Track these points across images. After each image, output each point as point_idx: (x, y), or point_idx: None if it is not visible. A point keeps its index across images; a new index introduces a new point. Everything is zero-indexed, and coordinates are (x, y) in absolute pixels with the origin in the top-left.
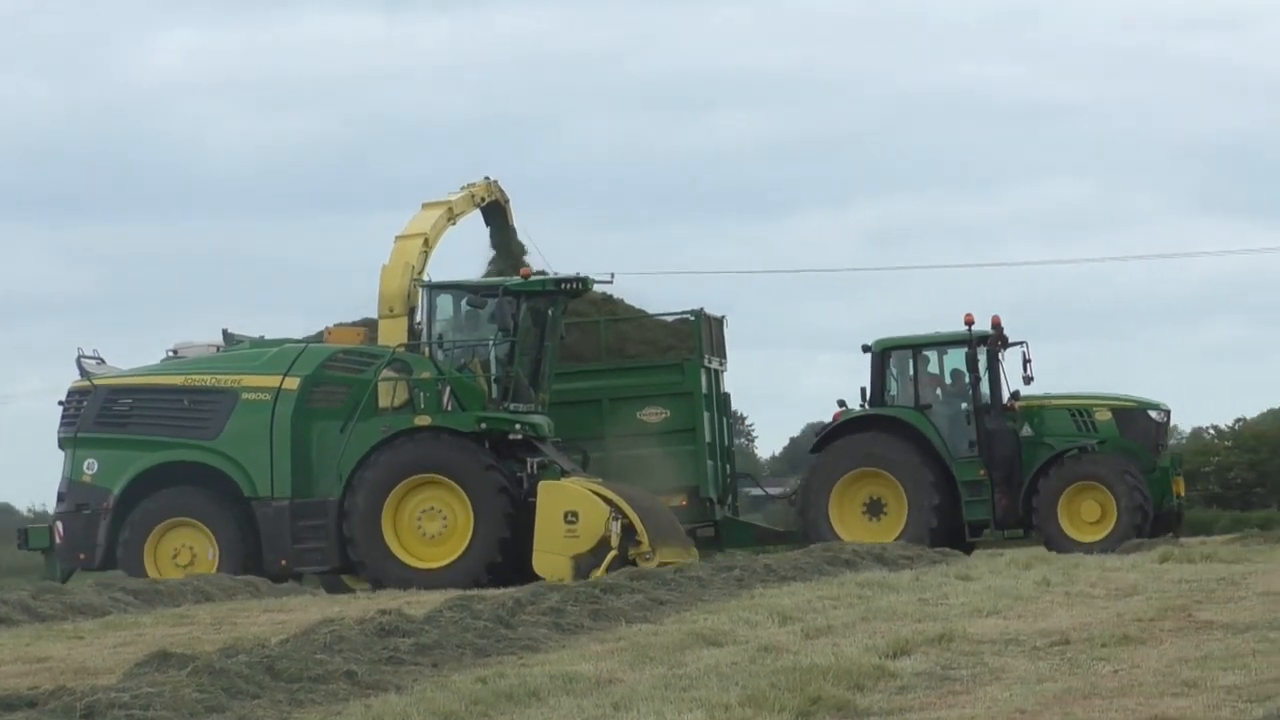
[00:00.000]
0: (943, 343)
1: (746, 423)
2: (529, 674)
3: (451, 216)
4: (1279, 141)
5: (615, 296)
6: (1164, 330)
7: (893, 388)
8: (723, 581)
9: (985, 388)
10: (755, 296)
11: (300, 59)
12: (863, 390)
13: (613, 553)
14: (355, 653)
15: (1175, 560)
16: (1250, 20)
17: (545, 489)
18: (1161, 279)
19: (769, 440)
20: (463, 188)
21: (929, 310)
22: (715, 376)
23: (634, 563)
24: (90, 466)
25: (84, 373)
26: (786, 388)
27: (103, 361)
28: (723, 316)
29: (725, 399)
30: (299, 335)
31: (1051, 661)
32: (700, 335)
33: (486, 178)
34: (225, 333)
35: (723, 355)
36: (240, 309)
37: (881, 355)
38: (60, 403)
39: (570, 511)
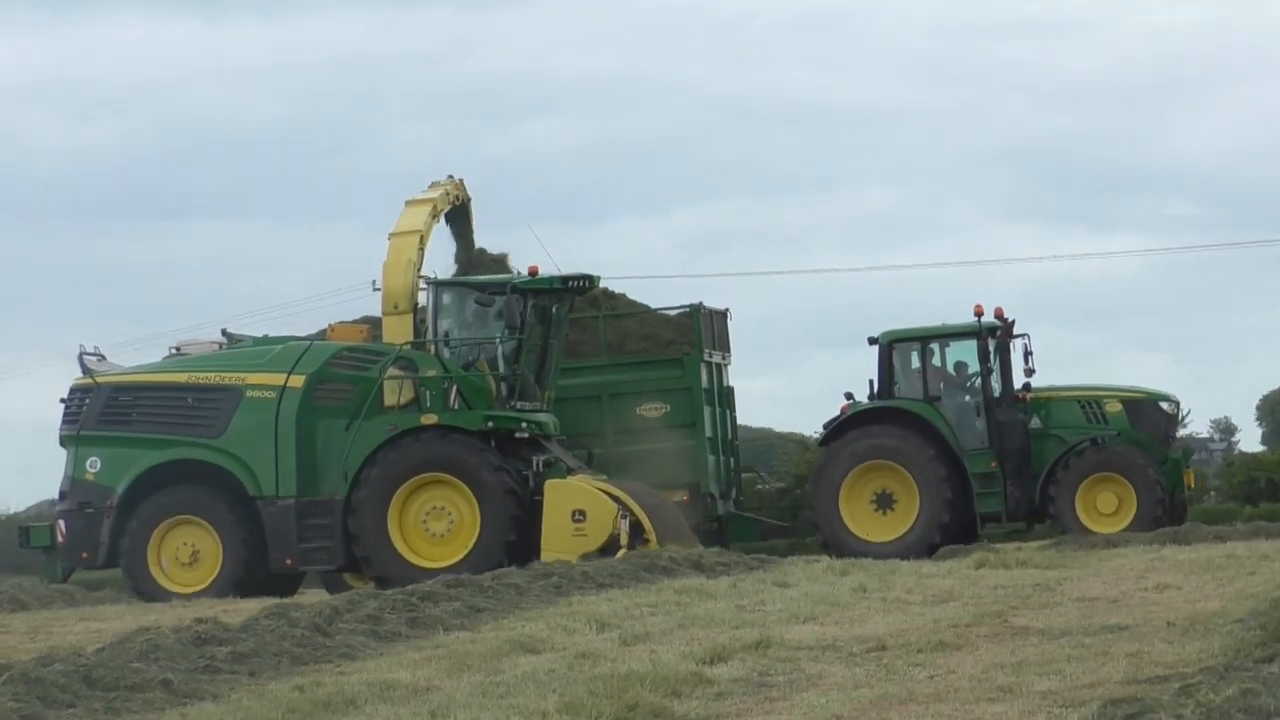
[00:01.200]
0: (951, 334)
1: None
2: (346, 682)
3: (436, 213)
4: (1087, 148)
5: (616, 292)
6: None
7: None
8: (540, 589)
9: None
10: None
11: (117, 64)
12: (870, 383)
13: (622, 550)
14: (172, 661)
15: (991, 566)
16: (1059, 29)
17: (553, 487)
18: (971, 285)
19: None
20: (432, 185)
21: (746, 318)
22: (717, 370)
23: None
24: (93, 464)
25: (86, 370)
26: None
27: (104, 358)
28: (726, 310)
29: (728, 393)
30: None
31: (868, 668)
32: (700, 329)
33: (450, 176)
34: (224, 332)
35: (726, 349)
36: (55, 313)
37: (888, 347)
38: (62, 400)
39: (578, 510)
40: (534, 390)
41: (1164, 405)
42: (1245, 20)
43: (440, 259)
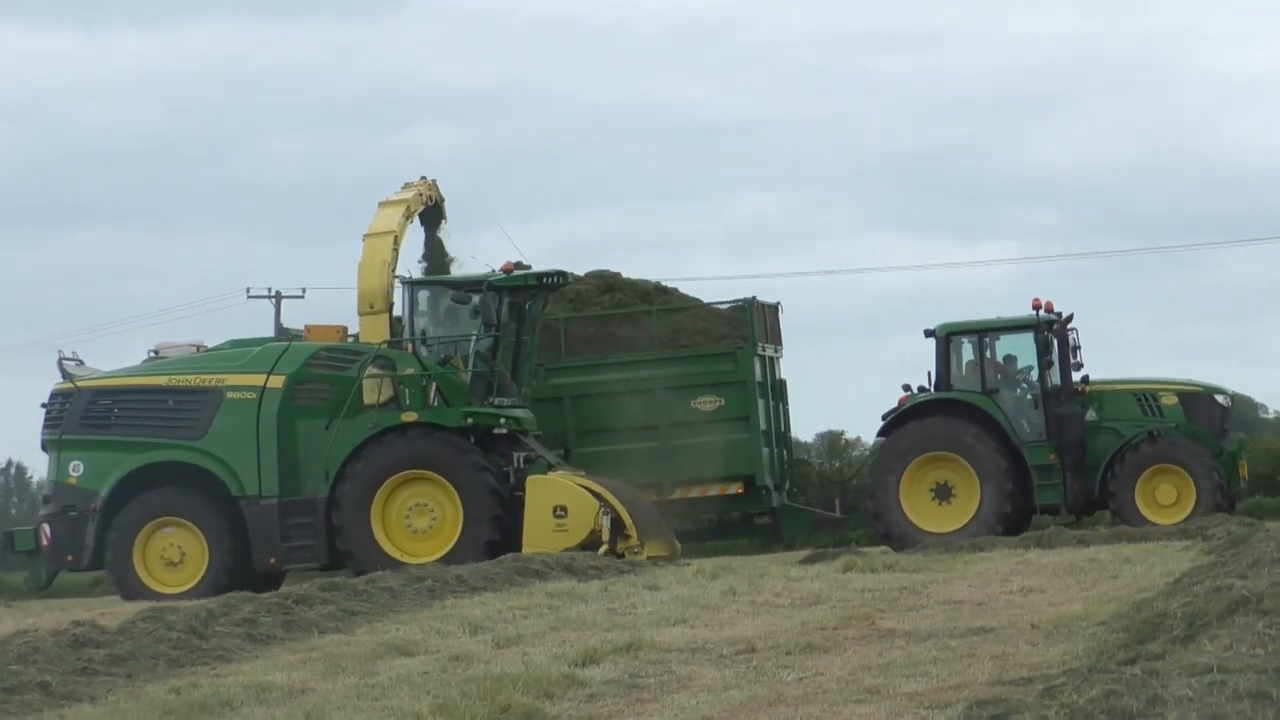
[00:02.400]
0: (1009, 327)
1: None
2: (222, 684)
3: (410, 214)
4: (957, 158)
5: (669, 287)
6: (846, 344)
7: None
8: (414, 592)
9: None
10: None
11: None
12: (928, 374)
13: (604, 546)
14: (49, 664)
15: (858, 570)
16: (935, 41)
17: (534, 483)
18: (846, 293)
19: None
20: (405, 186)
21: None
22: (770, 364)
23: (622, 555)
24: (76, 468)
25: (66, 374)
26: None
27: (82, 363)
28: (777, 303)
29: (781, 385)
30: None
31: (737, 669)
32: (753, 323)
33: (424, 177)
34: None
35: (778, 342)
36: None
37: (946, 340)
38: (43, 405)
39: (560, 505)
40: (511, 386)
41: (1219, 398)
42: (1111, 34)
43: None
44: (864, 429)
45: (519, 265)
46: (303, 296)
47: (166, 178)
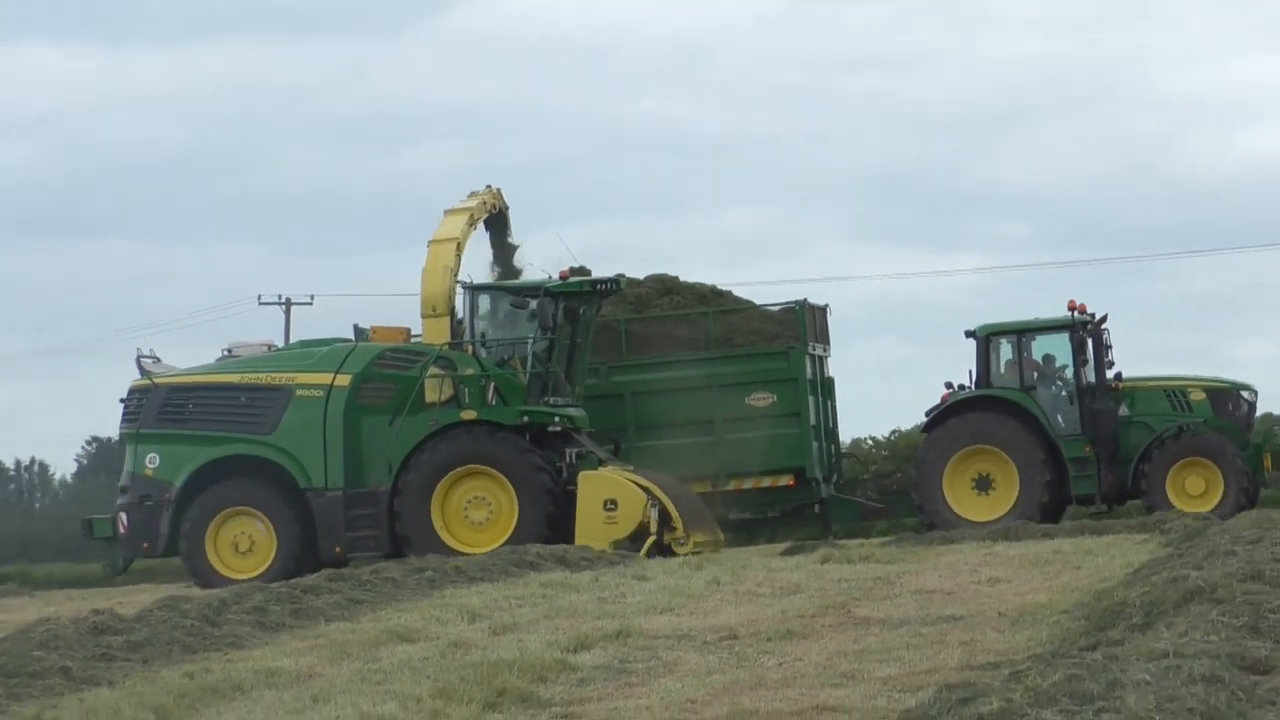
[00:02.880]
0: (1046, 328)
1: None
2: (234, 669)
3: (473, 221)
4: (930, 173)
5: (722, 290)
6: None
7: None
8: (415, 582)
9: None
10: None
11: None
12: (970, 372)
13: (651, 537)
14: (70, 650)
15: (835, 561)
16: (909, 62)
17: (586, 479)
18: (825, 300)
19: None
20: (471, 195)
21: None
22: (819, 363)
23: (669, 546)
24: (152, 460)
25: (144, 372)
26: None
27: (159, 360)
28: (825, 305)
29: (829, 383)
30: None
31: (720, 655)
32: (804, 324)
33: (489, 186)
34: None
35: (826, 342)
36: None
37: (986, 340)
38: (121, 400)
39: (610, 499)
40: (565, 386)
41: (1244, 394)
42: (1075, 56)
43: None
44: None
45: (576, 270)
46: (311, 303)
47: (186, 191)
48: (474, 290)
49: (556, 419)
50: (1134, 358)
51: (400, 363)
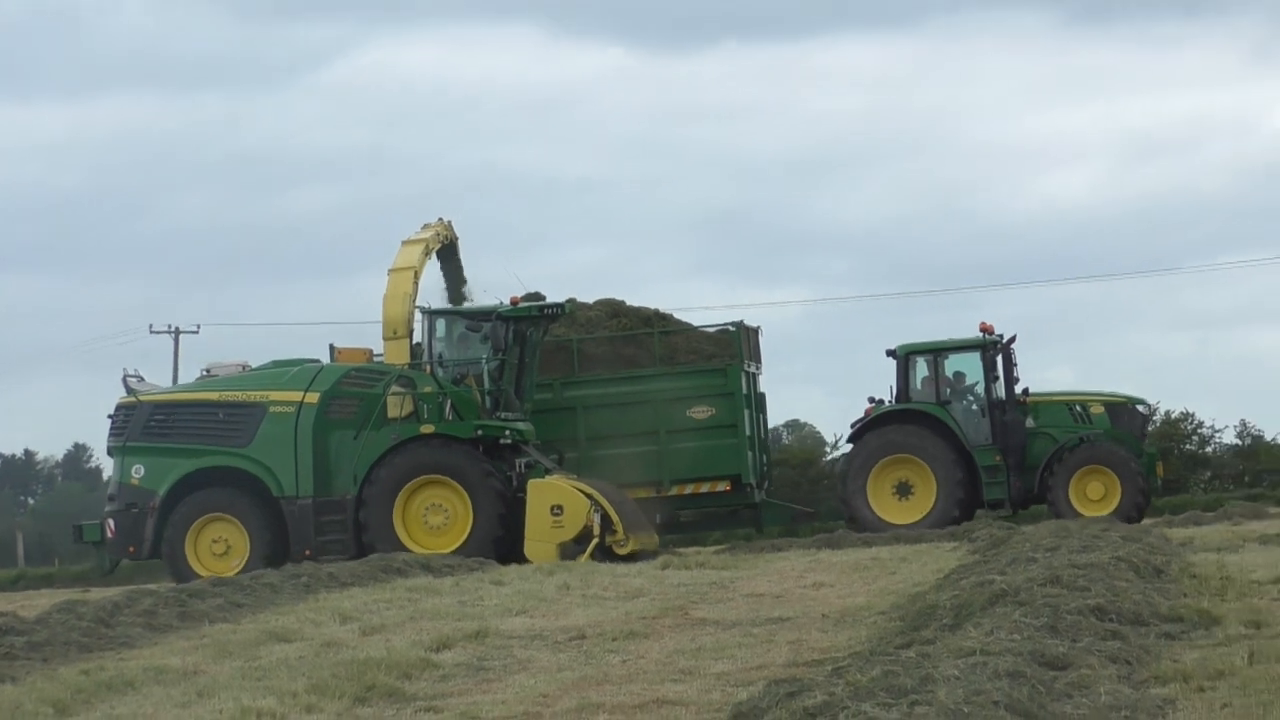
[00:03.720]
0: (959, 347)
1: None
2: (126, 667)
3: (429, 251)
4: (762, 214)
5: (664, 313)
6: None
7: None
8: (292, 587)
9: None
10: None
11: None
12: (890, 388)
13: (595, 540)
14: None
15: (675, 567)
16: (743, 113)
17: (534, 486)
18: None
19: None
20: (425, 227)
21: None
22: (753, 379)
23: (610, 549)
24: (138, 471)
25: (130, 390)
26: None
27: (142, 379)
28: (758, 327)
29: (761, 398)
30: None
31: (570, 653)
32: (740, 343)
33: (440, 219)
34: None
35: (758, 360)
36: None
37: (905, 358)
38: (109, 416)
39: (556, 505)
40: (515, 402)
41: (1139, 407)
42: (892, 109)
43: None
44: None
45: (528, 296)
46: (198, 332)
47: (81, 231)
48: (432, 315)
49: (507, 432)
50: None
51: (364, 381)
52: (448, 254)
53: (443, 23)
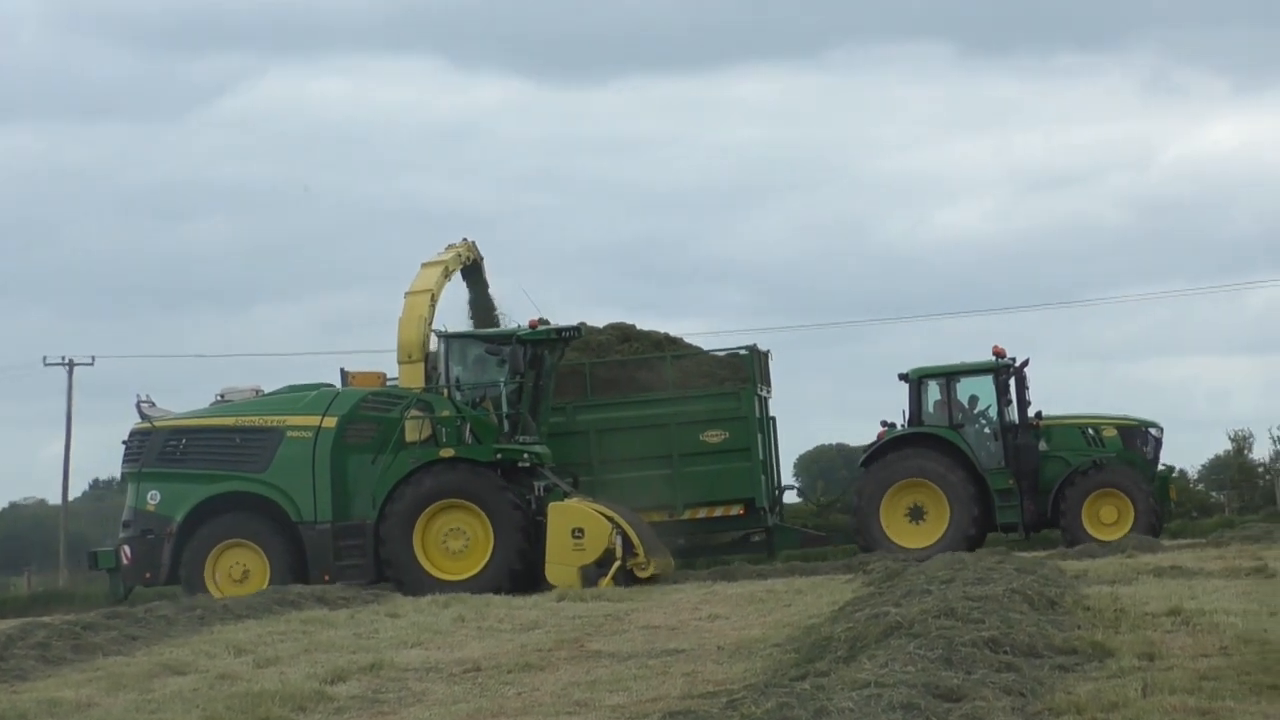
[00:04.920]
0: (972, 371)
1: None
2: (18, 700)
3: (448, 273)
4: (661, 246)
5: (674, 337)
6: None
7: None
8: (187, 620)
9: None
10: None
11: None
12: (902, 412)
13: (617, 562)
14: None
15: (571, 599)
16: (643, 146)
17: (555, 509)
18: None
19: None
20: (448, 248)
21: None
22: (764, 403)
23: (631, 571)
24: (154, 497)
25: (144, 416)
26: None
27: (154, 404)
28: (768, 351)
29: (772, 422)
30: None
31: (465, 686)
32: (753, 368)
33: (465, 239)
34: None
35: (769, 384)
36: None
37: (918, 382)
38: (123, 442)
39: (577, 528)
40: (531, 425)
41: (1152, 431)
42: (793, 143)
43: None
44: None
45: (541, 320)
46: (92, 364)
47: None
48: (449, 339)
49: (526, 456)
50: (846, 413)
51: (382, 406)
52: (473, 275)
53: (345, 54)
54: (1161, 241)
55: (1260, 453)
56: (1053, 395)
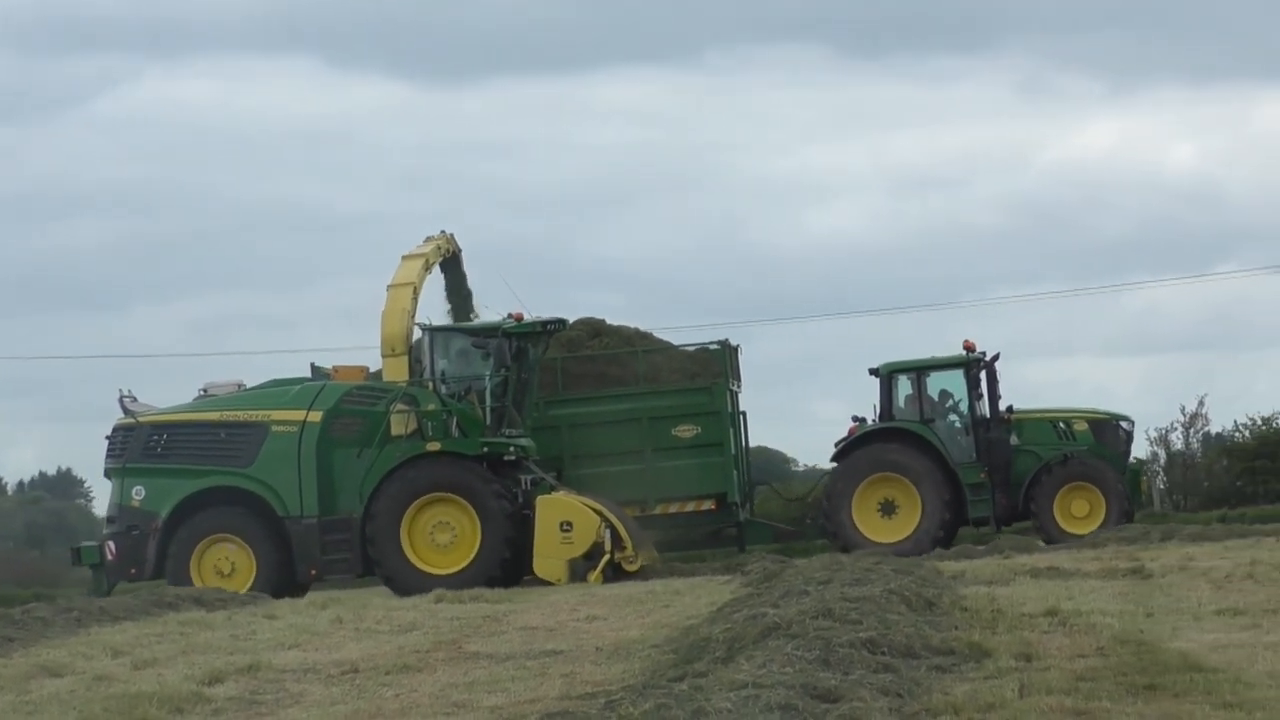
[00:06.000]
0: (943, 365)
1: None
2: None
3: (429, 266)
4: (533, 248)
5: (645, 332)
6: None
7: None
8: (64, 622)
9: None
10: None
11: None
12: (873, 407)
13: (607, 556)
14: None
15: (449, 601)
16: (518, 148)
17: (543, 503)
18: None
19: None
20: (427, 240)
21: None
22: (734, 398)
23: (619, 565)
24: (138, 492)
25: (127, 411)
26: None
27: (136, 399)
28: (738, 346)
29: (743, 416)
30: None
31: (343, 687)
32: (725, 362)
33: (443, 231)
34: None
35: (739, 379)
36: None
37: (888, 376)
38: (106, 437)
39: (565, 521)
40: (516, 418)
41: (1123, 424)
42: (668, 142)
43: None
44: None
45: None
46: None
47: None
48: (434, 332)
49: (512, 449)
50: None
51: (366, 400)
52: (451, 267)
53: (220, 55)
54: (1037, 243)
55: (1138, 453)
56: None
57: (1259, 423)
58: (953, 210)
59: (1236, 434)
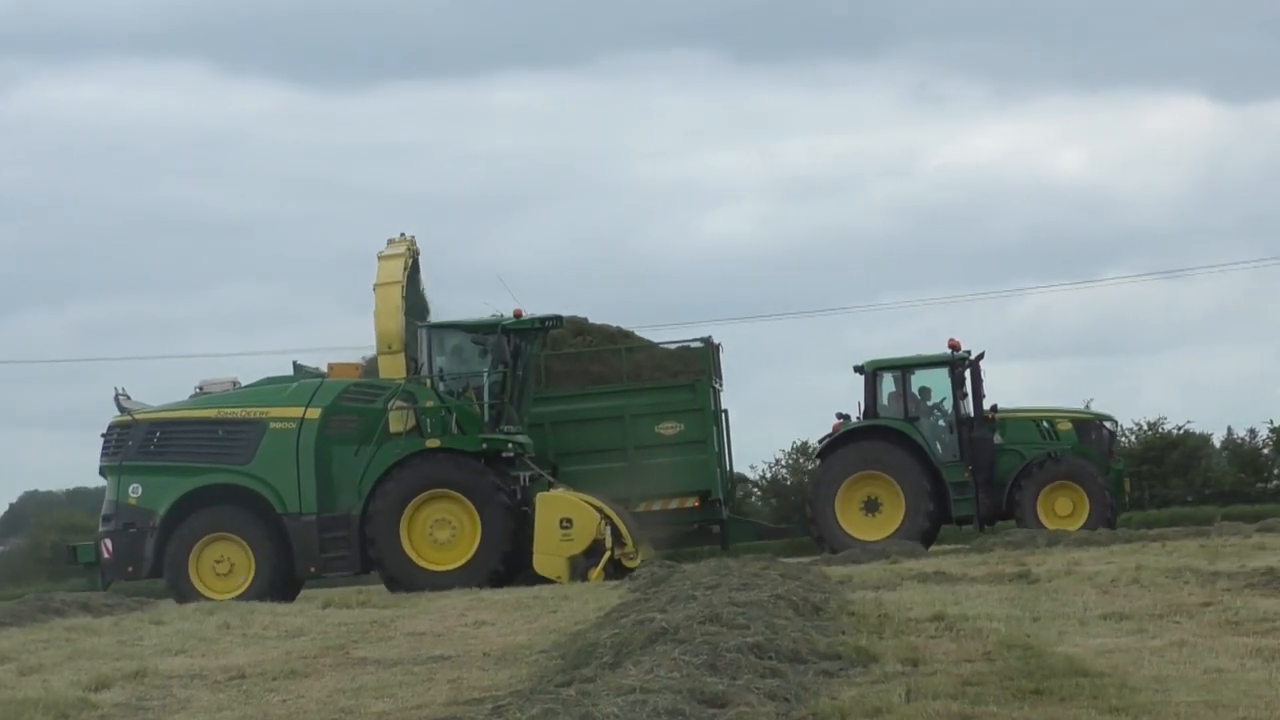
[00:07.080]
0: (927, 363)
1: None
2: None
3: (406, 265)
4: (427, 253)
5: (627, 330)
6: None
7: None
8: None
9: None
10: None
11: None
12: (858, 404)
13: (608, 553)
14: None
15: (336, 606)
16: (406, 152)
17: (543, 500)
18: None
19: None
20: (390, 242)
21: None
22: (717, 395)
23: (619, 562)
24: (135, 490)
25: (123, 409)
26: None
27: (129, 397)
28: (720, 344)
29: (725, 414)
30: None
31: (230, 693)
32: (707, 360)
33: (403, 234)
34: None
35: (720, 377)
36: None
37: (873, 374)
38: (102, 435)
39: (565, 518)
40: (513, 415)
41: (1106, 424)
42: (558, 147)
43: None
44: None
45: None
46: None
47: None
48: (432, 329)
49: (510, 445)
50: None
51: (364, 397)
52: (411, 270)
53: (105, 59)
54: (926, 249)
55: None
56: (824, 401)
57: (1145, 428)
58: (842, 215)
59: (1123, 439)
